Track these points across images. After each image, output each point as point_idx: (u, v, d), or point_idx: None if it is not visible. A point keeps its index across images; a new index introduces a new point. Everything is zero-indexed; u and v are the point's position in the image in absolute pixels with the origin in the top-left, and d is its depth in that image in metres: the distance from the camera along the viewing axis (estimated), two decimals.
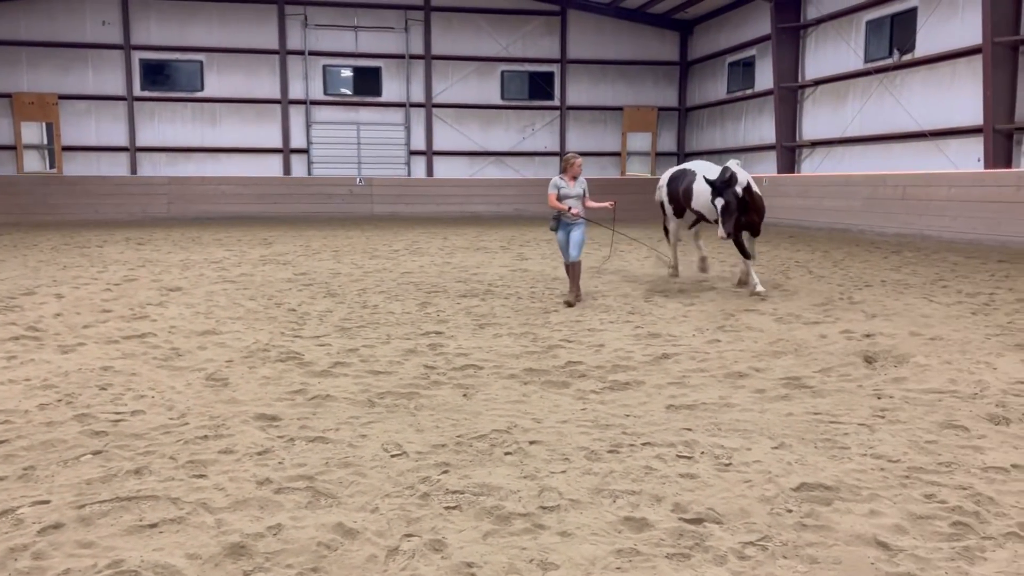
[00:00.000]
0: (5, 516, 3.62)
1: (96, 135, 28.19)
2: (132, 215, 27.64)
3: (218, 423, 5.01)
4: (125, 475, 4.13)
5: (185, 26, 28.24)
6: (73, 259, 14.78)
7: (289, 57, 29.07)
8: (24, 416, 5.12)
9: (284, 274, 12.70)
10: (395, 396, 5.69)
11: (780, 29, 24.34)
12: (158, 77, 28.53)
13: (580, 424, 5.00)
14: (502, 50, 30.40)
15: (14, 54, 27.20)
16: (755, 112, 27.60)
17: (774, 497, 3.87)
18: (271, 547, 3.35)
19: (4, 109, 27.41)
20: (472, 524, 3.59)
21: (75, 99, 27.81)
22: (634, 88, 31.68)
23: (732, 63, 28.91)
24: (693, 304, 9.68)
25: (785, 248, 17.22)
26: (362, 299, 10.19)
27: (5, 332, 7.81)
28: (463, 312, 9.26)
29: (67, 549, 3.31)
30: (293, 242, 18.64)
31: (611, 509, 3.74)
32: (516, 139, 31.00)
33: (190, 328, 8.15)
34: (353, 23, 29.37)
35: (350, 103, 30.00)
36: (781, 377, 6.17)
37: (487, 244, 18.40)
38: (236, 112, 28.98)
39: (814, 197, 23.07)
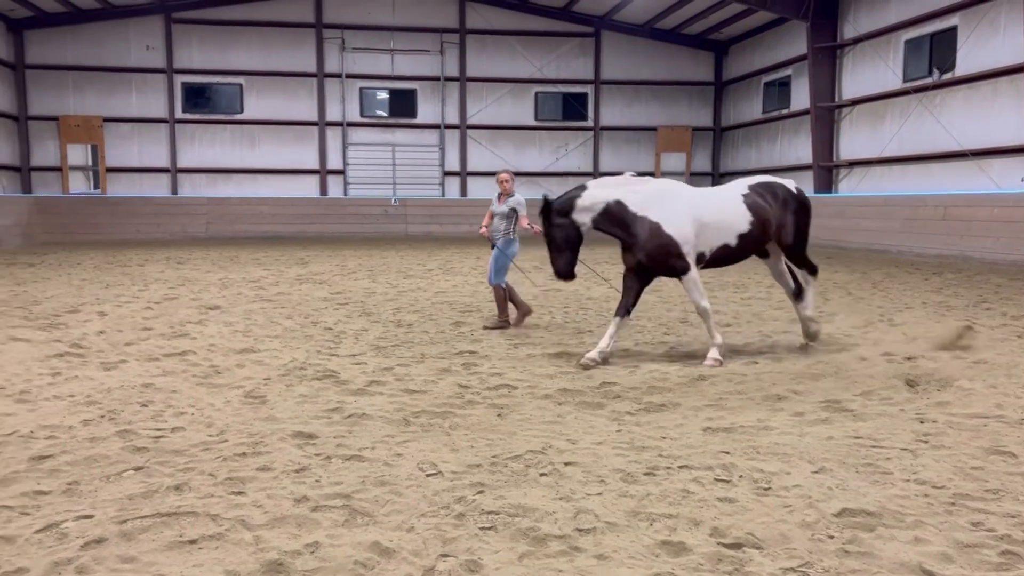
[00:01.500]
0: (50, 530, 3.69)
1: (139, 156, 28.84)
2: (172, 235, 28.16)
3: (256, 440, 5.06)
4: (166, 491, 4.18)
5: (226, 50, 28.87)
6: (115, 278, 15.08)
7: (327, 80, 29.55)
8: (68, 432, 5.22)
9: (320, 293, 12.82)
10: (430, 415, 5.70)
11: (816, 49, 24.19)
12: (199, 100, 29.16)
13: (615, 446, 4.97)
14: (536, 71, 30.60)
15: (61, 78, 28.00)
16: (791, 132, 27.41)
17: (815, 522, 3.80)
18: (308, 565, 3.37)
19: (51, 131, 28.18)
20: (508, 545, 3.57)
21: (119, 121, 28.52)
22: (668, 108, 31.67)
23: (768, 83, 28.78)
24: (730, 325, 9.59)
25: (823, 269, 16.95)
26: (397, 318, 10.25)
27: (50, 349, 7.98)
28: (497, 332, 9.26)
29: (110, 564, 3.36)
30: (329, 262, 18.84)
31: (648, 532, 3.70)
32: (550, 159, 31.11)
33: (229, 346, 8.26)
34: (389, 46, 29.79)
35: (386, 125, 30.37)
36: (821, 400, 6.07)
37: (521, 263, 18.40)
38: (274, 134, 29.48)
39: (851, 217, 22.79)
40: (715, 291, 13.07)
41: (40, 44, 27.74)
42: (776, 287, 13.51)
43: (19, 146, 27.85)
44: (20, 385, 6.48)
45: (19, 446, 4.91)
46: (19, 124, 27.77)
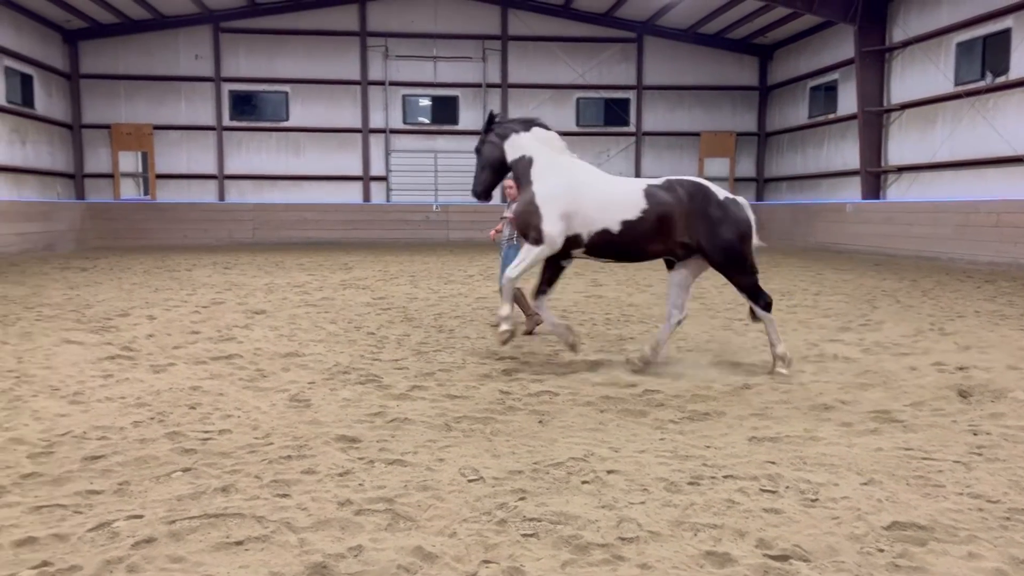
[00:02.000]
0: (102, 529, 3.77)
1: (187, 163, 29.45)
2: (219, 240, 28.69)
3: (301, 443, 5.11)
4: (213, 492, 4.25)
5: (272, 59, 29.35)
6: (164, 282, 15.40)
7: (370, 87, 29.87)
8: (120, 433, 5.33)
9: (363, 298, 12.94)
10: (471, 421, 5.71)
11: (864, 53, 23.78)
12: (246, 108, 29.69)
13: (659, 454, 4.92)
14: (578, 77, 30.57)
15: (113, 87, 28.73)
16: (838, 137, 26.97)
17: (864, 535, 3.72)
18: (352, 568, 3.39)
19: (104, 139, 28.93)
20: (550, 553, 3.56)
21: (168, 129, 29.16)
22: (711, 113, 31.40)
23: (814, 87, 28.38)
24: None
25: (871, 277, 16.69)
26: (438, 323, 10.30)
27: (102, 352, 8.17)
28: (538, 338, 9.26)
29: (159, 563, 3.42)
30: (372, 267, 19.02)
31: (692, 542, 3.65)
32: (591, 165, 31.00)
33: (274, 350, 8.37)
34: (432, 54, 30.01)
35: (428, 131, 30.59)
36: (869, 410, 5.95)
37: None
38: (319, 141, 29.88)
39: (900, 224, 22.34)
40: None
41: (94, 54, 28.52)
42: (821, 294, 13.31)
43: (73, 154, 28.64)
44: (73, 387, 6.65)
45: (73, 446, 5.03)
46: (73, 132, 28.56)
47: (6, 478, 4.45)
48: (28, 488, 4.31)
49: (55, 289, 14.06)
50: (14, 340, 8.79)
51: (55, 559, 3.45)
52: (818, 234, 26.49)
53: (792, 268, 19.10)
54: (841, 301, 12.51)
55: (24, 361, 7.67)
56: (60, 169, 27.82)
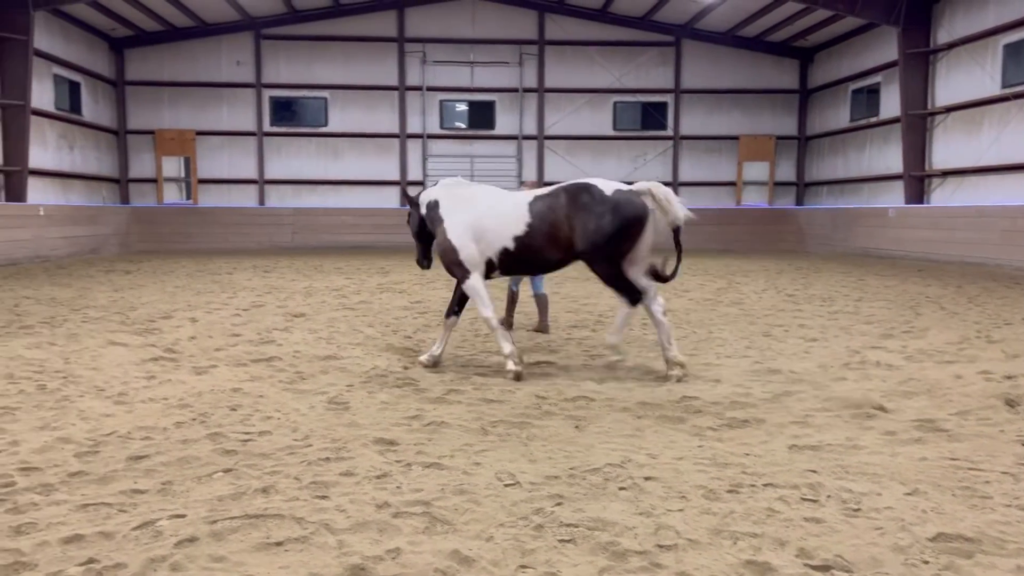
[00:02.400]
0: (146, 527, 3.84)
1: (228, 168, 29.92)
2: (259, 244, 29.10)
3: (339, 446, 5.16)
4: (253, 493, 4.30)
5: (311, 65, 29.72)
6: (206, 285, 15.65)
7: (408, 93, 30.09)
8: (163, 433, 5.43)
9: (400, 302, 13.03)
10: (507, 425, 5.71)
11: (908, 55, 23.38)
12: (285, 113, 30.09)
13: (697, 461, 4.88)
14: (615, 81, 30.48)
15: (157, 93, 29.32)
16: (880, 141, 26.54)
17: (908, 547, 3.64)
18: (390, 571, 3.41)
19: (148, 145, 29.52)
20: (587, 559, 3.54)
21: (210, 135, 29.67)
22: (751, 117, 31.09)
23: (855, 90, 27.96)
24: (816, 340, 9.32)
25: (914, 282, 16.38)
26: (474, 328, 10.32)
27: (146, 353, 8.33)
28: (574, 343, 9.24)
29: (201, 563, 3.48)
30: (409, 271, 19.13)
31: (732, 551, 3.61)
32: (628, 169, 30.90)
33: (313, 353, 8.46)
34: (469, 59, 30.14)
35: (465, 136, 30.71)
36: (913, 419, 5.84)
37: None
38: (357, 146, 30.17)
39: (945, 229, 21.89)
40: (801, 304, 12.74)
41: (139, 61, 29.13)
42: (863, 300, 13.10)
43: (119, 159, 29.28)
44: (118, 387, 6.78)
45: (117, 446, 5.13)
46: (119, 138, 29.20)
47: (54, 476, 4.56)
48: (75, 486, 4.41)
49: (101, 291, 14.38)
50: (61, 341, 9.00)
51: (101, 556, 3.52)
52: (859, 239, 26.07)
53: (833, 273, 18.82)
54: (883, 307, 12.30)
55: (71, 362, 7.85)
56: (106, 174, 28.47)
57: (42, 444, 5.13)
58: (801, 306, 12.54)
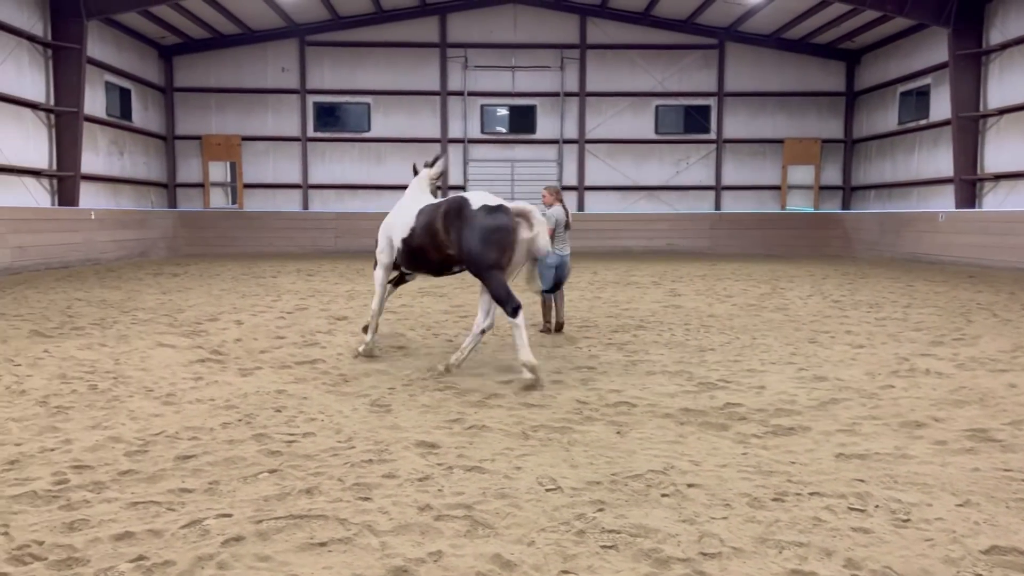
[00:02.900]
0: (193, 526, 3.91)
1: (273, 173, 30.39)
2: (303, 248, 29.49)
3: (382, 448, 5.20)
4: (298, 494, 4.36)
5: (355, 71, 30.06)
6: (251, 288, 15.90)
7: (449, 98, 30.27)
8: (209, 434, 5.53)
9: (441, 306, 13.09)
10: (548, 430, 5.70)
11: (959, 56, 22.86)
12: (329, 119, 30.47)
13: (741, 469, 4.81)
14: (657, 84, 30.31)
15: (204, 100, 29.91)
16: (930, 144, 25.98)
17: (960, 559, 3.55)
18: (433, 573, 3.42)
19: (195, 150, 30.13)
20: (629, 566, 3.52)
21: (255, 140, 30.16)
22: (796, 120, 30.67)
23: (904, 93, 27.41)
24: (862, 347, 9.15)
25: (965, 289, 15.99)
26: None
27: (193, 355, 8.49)
28: (615, 348, 9.19)
29: (247, 562, 3.53)
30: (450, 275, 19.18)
31: (777, 560, 3.56)
32: (670, 173, 30.70)
33: (356, 356, 8.53)
34: (510, 64, 30.22)
35: (505, 141, 30.78)
36: (965, 428, 5.69)
37: (638, 279, 18.23)
38: (399, 151, 30.41)
39: (997, 234, 21.34)
40: (847, 310, 12.52)
41: (187, 68, 29.74)
42: (912, 306, 12.82)
43: (167, 164, 29.92)
44: (166, 388, 6.92)
45: (166, 446, 5.24)
46: (167, 143, 29.84)
47: (105, 475, 4.66)
48: (125, 485, 4.51)
49: (149, 294, 14.69)
50: (112, 342, 9.22)
51: (150, 553, 3.59)
52: (908, 244, 25.53)
53: (880, 279, 18.46)
54: (933, 314, 12.03)
55: (121, 363, 8.03)
56: (154, 179, 29.11)
57: (94, 443, 5.26)
58: (848, 312, 12.32)
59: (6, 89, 20.09)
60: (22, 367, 7.75)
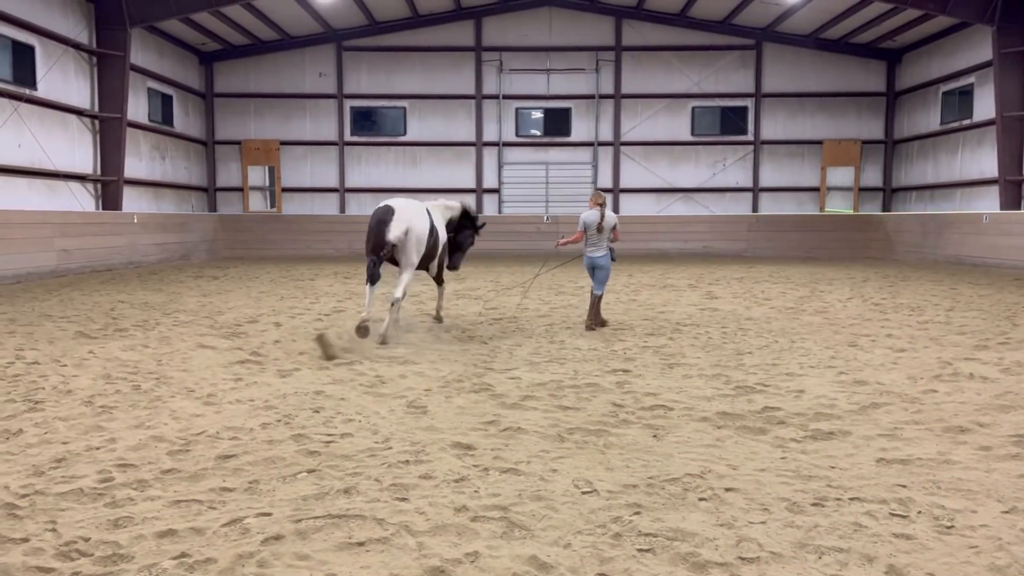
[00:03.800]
0: (234, 524, 3.97)
1: (311, 177, 30.74)
2: (339, 251, 29.77)
3: (418, 449, 5.24)
4: (336, 494, 4.40)
5: (391, 75, 30.30)
6: (289, 291, 16.10)
7: (484, 101, 30.36)
8: (249, 434, 5.61)
9: (476, 308, 13.14)
10: (584, 432, 5.69)
11: (1004, 54, 22.37)
12: (366, 123, 30.75)
13: (780, 473, 4.76)
14: (693, 86, 30.10)
15: (244, 105, 30.37)
16: (973, 144, 25.45)
17: (1006, 567, 3.48)
18: (469, 574, 3.44)
19: (235, 154, 30.59)
20: (667, 569, 3.50)
21: (293, 144, 30.54)
22: (835, 121, 30.24)
23: (946, 92, 26.89)
24: (904, 351, 8.99)
25: (1010, 292, 15.63)
26: (549, 334, 10.32)
27: (233, 356, 8.62)
28: (650, 351, 9.14)
29: (286, 560, 3.58)
30: (483, 278, 19.26)
31: (816, 566, 3.52)
32: (706, 175, 30.46)
33: (392, 357, 8.60)
34: (545, 66, 30.23)
35: (540, 144, 30.78)
36: (1011, 434, 5.57)
37: (674, 282, 18.11)
38: (434, 154, 30.58)
39: None
40: (888, 313, 12.32)
41: (226, 74, 30.23)
42: (955, 310, 12.57)
43: (207, 168, 30.43)
44: (207, 389, 7.04)
45: (207, 445, 5.33)
46: (207, 148, 30.36)
47: (149, 473, 4.76)
48: (168, 483, 4.60)
49: (190, 296, 14.95)
50: (154, 344, 9.40)
51: (192, 551, 3.66)
52: (951, 246, 25.03)
53: (922, 282, 18.12)
54: (977, 317, 11.78)
55: (163, 364, 8.19)
56: (195, 183, 29.62)
57: (137, 442, 5.37)
58: (888, 315, 12.12)
59: (53, 96, 20.60)
60: (68, 367, 7.94)
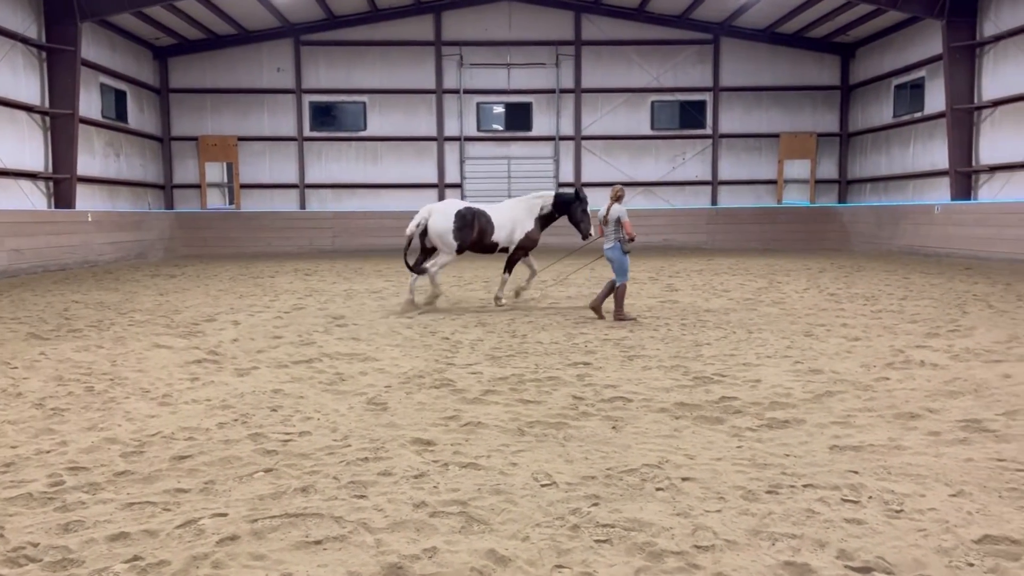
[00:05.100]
0: (189, 525, 3.92)
1: (270, 173, 30.36)
2: (300, 247, 29.50)
3: (377, 446, 5.21)
4: (293, 493, 4.37)
5: (351, 70, 30.03)
6: (248, 288, 15.90)
7: (445, 96, 30.25)
8: (205, 434, 5.54)
9: (438, 303, 13.08)
10: (544, 426, 5.72)
11: (953, 48, 22.86)
12: (325, 118, 30.44)
13: (736, 462, 4.83)
14: (652, 80, 30.30)
15: (200, 100, 29.88)
16: (925, 136, 25.99)
17: (953, 549, 3.57)
18: (427, 570, 3.44)
19: (191, 151, 30.10)
20: (623, 559, 3.53)
21: (252, 140, 30.13)
22: (791, 114, 30.67)
23: (898, 86, 27.42)
24: (858, 339, 9.17)
25: (961, 280, 16.02)
26: (511, 328, 10.34)
27: (189, 356, 8.50)
28: (611, 343, 9.20)
29: (242, 560, 3.54)
30: (447, 273, 19.20)
31: (770, 552, 3.57)
32: (666, 169, 30.70)
33: (352, 354, 8.55)
34: (506, 61, 30.20)
35: (501, 138, 30.77)
36: (959, 419, 5.71)
37: (634, 275, 18.23)
38: (395, 150, 30.40)
39: (993, 226, 21.36)
40: (843, 303, 12.54)
41: (182, 69, 29.70)
42: (908, 299, 12.85)
43: (163, 165, 29.90)
44: (163, 389, 6.93)
45: (162, 446, 5.25)
46: (163, 145, 29.81)
47: (101, 476, 4.67)
48: (121, 485, 4.52)
49: (146, 295, 14.70)
50: (108, 344, 9.22)
51: (145, 554, 3.61)
52: (904, 237, 25.56)
53: (877, 272, 18.49)
54: (929, 306, 12.05)
55: (118, 364, 8.04)
56: (151, 180, 29.06)
57: (90, 444, 5.27)
58: (844, 305, 12.35)
59: (1, 92, 20.06)
60: (19, 370, 7.76)
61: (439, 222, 12.12)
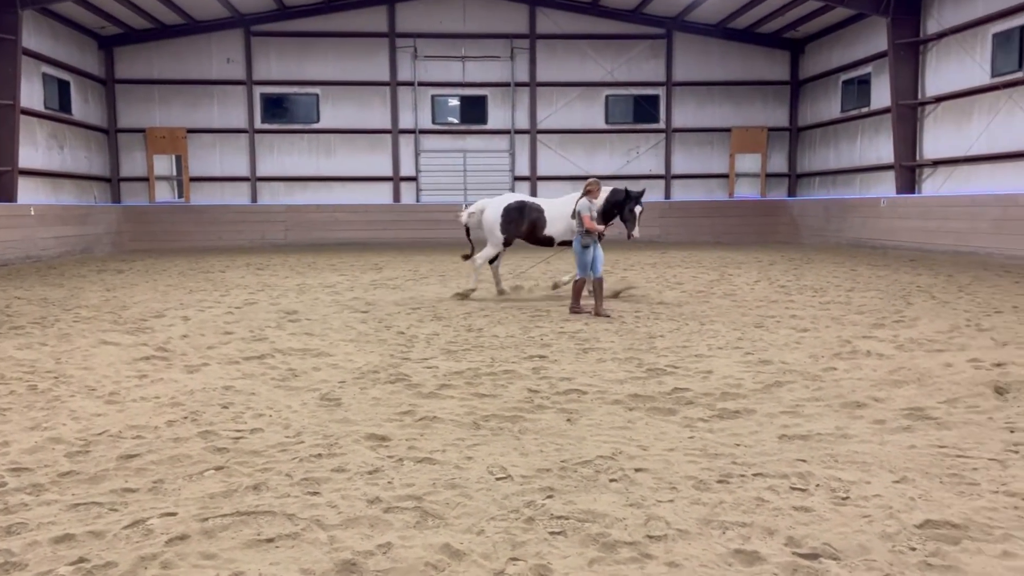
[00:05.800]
0: (136, 526, 3.84)
1: (220, 166, 29.83)
2: (252, 242, 29.05)
3: (331, 442, 5.17)
4: (245, 490, 4.31)
5: (303, 61, 29.62)
6: (199, 283, 15.63)
7: (399, 88, 30.03)
8: (154, 432, 5.43)
9: (393, 298, 13.03)
10: (500, 419, 5.73)
11: (898, 45, 23.41)
12: (277, 110, 30.00)
13: (688, 452, 4.90)
14: (607, 75, 30.46)
15: (148, 92, 29.20)
16: (871, 131, 26.58)
17: (896, 534, 3.67)
18: (381, 565, 3.42)
19: (139, 143, 29.41)
20: (577, 551, 3.56)
21: (202, 132, 29.56)
22: (742, 109, 31.10)
23: (846, 81, 27.98)
24: (807, 330, 9.36)
25: (905, 272, 16.44)
26: (467, 323, 10.33)
27: (137, 352, 8.32)
28: (567, 336, 9.25)
29: (192, 560, 3.48)
30: (402, 267, 19.12)
31: (721, 541, 3.64)
32: (621, 163, 30.92)
33: (305, 350, 8.46)
34: (461, 53, 30.08)
35: (457, 131, 30.66)
36: (903, 408, 5.87)
37: None
38: (349, 142, 30.10)
39: (936, 219, 21.97)
40: (793, 295, 12.78)
41: (128, 60, 28.99)
42: (855, 290, 13.16)
43: (109, 158, 29.17)
44: (109, 387, 6.78)
45: (109, 445, 5.13)
46: (109, 137, 29.08)
47: (45, 476, 4.55)
48: (66, 486, 4.41)
49: (92, 291, 14.34)
50: (53, 341, 8.98)
51: (91, 555, 3.53)
52: (852, 230, 26.14)
53: (825, 264, 18.88)
54: (875, 297, 12.35)
55: (62, 362, 7.84)
56: (97, 173, 28.34)
57: (32, 444, 5.13)
58: (793, 297, 12.59)
59: None
60: None
61: (489, 215, 12.78)
